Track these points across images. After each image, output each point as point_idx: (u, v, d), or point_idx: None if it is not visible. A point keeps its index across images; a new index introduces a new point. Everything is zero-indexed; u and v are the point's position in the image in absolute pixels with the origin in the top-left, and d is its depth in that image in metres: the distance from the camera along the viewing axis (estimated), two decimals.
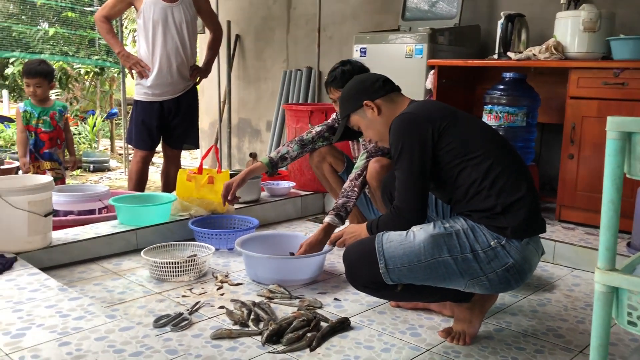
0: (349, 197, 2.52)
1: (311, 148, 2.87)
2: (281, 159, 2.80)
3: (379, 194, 2.60)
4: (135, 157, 4.00)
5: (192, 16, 3.83)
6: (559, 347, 1.97)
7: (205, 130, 6.51)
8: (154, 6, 3.70)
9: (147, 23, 3.73)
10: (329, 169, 2.95)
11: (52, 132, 3.84)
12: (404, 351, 1.91)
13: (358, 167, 2.60)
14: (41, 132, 3.80)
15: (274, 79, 5.67)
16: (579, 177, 3.11)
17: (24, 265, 2.38)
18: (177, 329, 2.01)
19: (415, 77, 3.70)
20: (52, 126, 3.83)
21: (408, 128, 1.86)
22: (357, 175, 2.58)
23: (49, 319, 1.88)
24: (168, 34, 3.74)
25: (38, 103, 3.82)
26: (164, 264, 2.47)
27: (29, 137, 3.80)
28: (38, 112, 3.80)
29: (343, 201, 2.51)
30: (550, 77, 3.50)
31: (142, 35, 3.79)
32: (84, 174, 7.11)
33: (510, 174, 1.81)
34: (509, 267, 1.77)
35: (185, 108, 3.93)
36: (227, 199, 2.78)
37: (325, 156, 2.93)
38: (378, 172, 2.51)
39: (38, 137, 3.80)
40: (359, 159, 2.66)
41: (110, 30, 3.88)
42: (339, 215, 2.47)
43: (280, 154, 2.80)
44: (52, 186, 2.61)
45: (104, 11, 3.84)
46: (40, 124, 3.79)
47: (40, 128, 3.80)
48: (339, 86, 2.65)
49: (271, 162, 2.78)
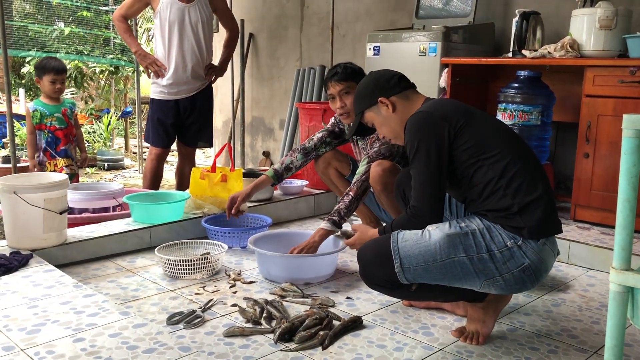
0: (343, 200, 2.56)
1: (315, 155, 2.90)
2: (286, 170, 2.83)
3: (384, 197, 2.61)
4: (150, 154, 4.03)
5: (208, 16, 3.86)
6: (573, 347, 1.95)
7: (219, 128, 6.54)
8: (170, 6, 3.73)
9: (163, 23, 3.76)
10: (335, 173, 2.96)
11: (66, 128, 3.87)
12: (416, 350, 1.90)
13: (360, 173, 2.61)
14: (56, 129, 3.83)
15: (287, 77, 5.68)
16: (595, 177, 3.08)
17: (39, 262, 2.40)
18: (190, 326, 2.02)
19: (428, 76, 3.68)
20: (65, 122, 3.86)
21: (424, 127, 1.85)
22: (356, 180, 2.60)
23: (63, 316, 1.90)
24: (184, 34, 3.77)
25: (49, 101, 3.85)
26: (178, 261, 2.48)
27: (43, 135, 3.83)
28: (50, 110, 3.83)
29: (338, 206, 2.55)
30: (566, 75, 3.47)
31: (159, 35, 3.82)
32: (99, 172, 7.17)
33: (526, 173, 1.79)
34: (525, 267, 1.76)
35: (200, 107, 3.96)
36: (231, 212, 2.80)
37: (330, 161, 2.94)
38: (380, 175, 2.53)
39: (54, 134, 3.83)
40: (360, 165, 2.66)
41: (127, 29, 3.92)
42: (331, 220, 2.51)
43: (285, 165, 2.83)
44: (67, 184, 2.63)
45: (121, 10, 3.89)
46: (54, 121, 3.82)
47: (54, 125, 3.82)
48: (340, 79, 2.66)
49: (276, 174, 2.82)
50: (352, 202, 2.56)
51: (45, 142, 3.83)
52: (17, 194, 2.44)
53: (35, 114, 3.81)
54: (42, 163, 3.85)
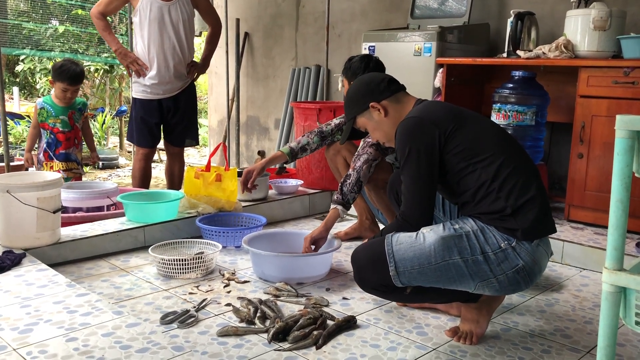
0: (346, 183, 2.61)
1: (330, 141, 2.89)
2: (301, 150, 2.82)
3: (374, 194, 2.73)
4: (137, 155, 4.01)
5: (189, 14, 3.81)
6: (566, 347, 1.96)
7: (214, 127, 6.52)
8: (150, 4, 3.68)
9: (143, 21, 3.71)
10: (342, 162, 2.96)
11: (70, 132, 3.81)
12: (410, 350, 1.90)
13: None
14: (58, 131, 3.77)
15: (282, 76, 5.67)
16: (589, 177, 3.09)
17: (32, 261, 2.39)
18: (184, 325, 2.01)
19: (423, 76, 3.68)
20: (69, 126, 3.80)
21: (414, 133, 1.85)
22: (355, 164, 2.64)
23: (56, 315, 1.89)
24: (165, 32, 3.73)
25: (59, 102, 3.78)
26: (172, 261, 2.48)
27: (45, 135, 3.79)
28: (57, 111, 3.77)
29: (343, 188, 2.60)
30: (560, 75, 3.48)
31: (139, 33, 3.77)
32: (93, 171, 7.15)
33: (519, 174, 1.79)
34: (519, 269, 1.76)
35: (184, 106, 3.93)
36: (247, 186, 2.79)
37: (341, 150, 2.94)
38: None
39: (55, 136, 3.78)
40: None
41: (106, 27, 3.84)
42: (336, 200, 2.58)
43: (301, 145, 2.81)
44: (61, 183, 2.62)
45: (99, 7, 3.78)
46: (57, 123, 3.76)
47: (57, 127, 3.76)
48: (346, 76, 2.69)
49: (292, 152, 2.80)
50: (354, 181, 2.59)
51: (46, 143, 3.79)
52: (10, 193, 2.43)
53: (41, 112, 3.77)
54: (40, 162, 3.83)
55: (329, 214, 2.55)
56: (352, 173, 2.60)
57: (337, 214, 2.54)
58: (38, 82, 9.91)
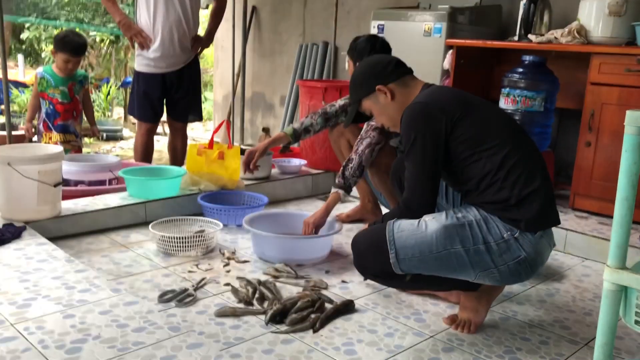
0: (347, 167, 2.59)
1: (334, 122, 2.85)
2: (305, 131, 2.79)
3: (376, 178, 2.70)
4: (139, 129, 3.99)
5: None
6: (564, 339, 1.95)
7: (219, 102, 6.48)
8: None
9: None
10: (346, 145, 2.92)
11: (69, 104, 3.78)
12: (407, 337, 1.89)
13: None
14: (57, 102, 3.75)
15: (289, 52, 5.60)
16: (595, 166, 3.05)
17: (32, 235, 2.39)
18: (182, 304, 2.01)
19: (432, 57, 3.62)
20: (69, 97, 3.77)
21: (421, 119, 1.81)
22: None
23: (54, 291, 1.89)
24: (170, 4, 3.66)
25: (60, 72, 3.74)
26: (172, 238, 2.47)
27: (44, 105, 3.77)
28: (56, 81, 3.73)
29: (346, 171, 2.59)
30: (571, 61, 3.41)
31: (144, 4, 3.71)
32: (97, 142, 7.14)
33: (525, 164, 1.76)
34: (521, 260, 1.74)
35: (187, 81, 3.88)
36: (249, 167, 2.77)
37: (344, 132, 2.90)
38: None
39: (54, 107, 3.75)
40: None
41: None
42: (337, 184, 2.56)
43: (304, 126, 2.79)
44: (62, 156, 2.61)
45: None
46: (56, 94, 3.74)
47: (56, 98, 3.74)
48: (352, 56, 2.65)
49: (295, 133, 2.78)
50: (356, 163, 2.58)
51: (45, 113, 3.77)
52: (11, 165, 2.42)
53: (41, 81, 3.74)
54: (40, 133, 3.81)
55: (329, 198, 2.53)
56: (355, 157, 2.57)
57: (338, 198, 2.52)
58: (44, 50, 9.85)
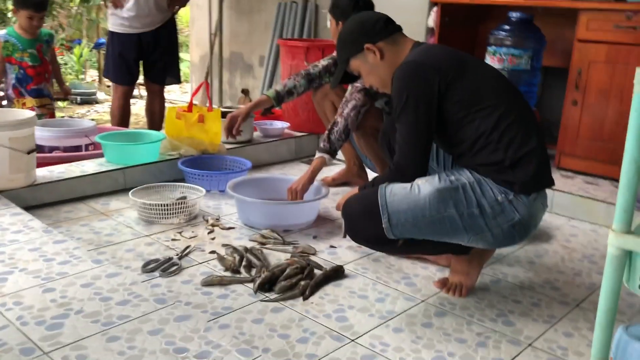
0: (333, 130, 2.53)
1: (318, 83, 2.76)
2: (287, 94, 2.70)
3: (363, 141, 2.65)
4: (115, 92, 3.86)
5: None
6: (555, 300, 1.94)
7: (196, 63, 6.29)
8: None
9: None
10: (330, 107, 2.84)
11: (40, 66, 3.62)
12: (398, 302, 1.87)
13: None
14: (27, 66, 3.58)
15: (268, 10, 5.42)
16: (582, 125, 3.02)
17: (6, 204, 2.29)
18: (166, 274, 1.95)
19: (416, 15, 3.53)
20: (39, 60, 3.61)
21: (413, 79, 1.73)
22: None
23: (32, 263, 1.81)
24: None
25: (24, 33, 3.57)
26: (153, 205, 2.39)
27: (13, 70, 3.59)
28: (24, 44, 3.56)
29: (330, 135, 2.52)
30: (559, 18, 3.34)
31: None
32: (71, 106, 6.92)
33: (520, 126, 1.71)
34: (515, 222, 1.71)
35: (165, 41, 3.76)
36: (232, 132, 2.68)
37: (329, 94, 2.81)
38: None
39: (25, 71, 3.58)
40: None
41: None
42: (322, 148, 2.50)
43: (287, 88, 2.69)
44: (34, 122, 2.49)
45: None
46: (25, 57, 3.57)
47: (26, 62, 3.57)
48: (334, 14, 2.55)
49: (278, 95, 2.68)
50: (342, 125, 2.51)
51: (15, 79, 3.59)
52: None
53: (6, 45, 3.54)
54: (10, 99, 3.64)
55: (314, 162, 2.46)
56: (340, 120, 2.49)
57: (323, 163, 2.45)
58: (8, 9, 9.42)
